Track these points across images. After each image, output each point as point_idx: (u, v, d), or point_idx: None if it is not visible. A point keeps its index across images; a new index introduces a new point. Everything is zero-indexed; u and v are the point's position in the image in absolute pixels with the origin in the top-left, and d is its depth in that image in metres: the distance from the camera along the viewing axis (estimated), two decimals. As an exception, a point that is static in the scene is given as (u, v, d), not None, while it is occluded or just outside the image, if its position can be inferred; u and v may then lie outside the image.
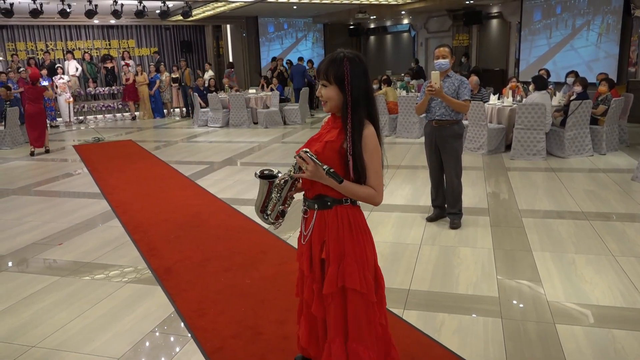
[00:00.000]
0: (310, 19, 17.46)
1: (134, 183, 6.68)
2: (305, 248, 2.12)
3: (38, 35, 14.59)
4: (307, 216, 2.09)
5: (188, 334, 2.93)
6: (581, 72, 8.95)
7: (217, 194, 5.92)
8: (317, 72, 2.01)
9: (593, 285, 3.34)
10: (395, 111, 9.60)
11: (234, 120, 11.78)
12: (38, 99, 8.96)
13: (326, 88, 1.96)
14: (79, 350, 2.81)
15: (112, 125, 13.10)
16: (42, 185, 6.87)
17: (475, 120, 7.55)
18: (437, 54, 4.31)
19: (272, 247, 4.25)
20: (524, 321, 2.94)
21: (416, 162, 7.23)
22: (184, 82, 13.98)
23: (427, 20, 16.48)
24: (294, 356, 2.54)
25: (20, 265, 4.12)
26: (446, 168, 4.49)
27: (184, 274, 3.75)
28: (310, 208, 2.08)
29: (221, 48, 17.62)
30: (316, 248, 2.07)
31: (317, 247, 2.07)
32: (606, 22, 10.92)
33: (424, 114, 4.48)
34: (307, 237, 2.10)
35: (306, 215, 2.10)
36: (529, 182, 5.95)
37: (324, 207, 2.03)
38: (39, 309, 3.30)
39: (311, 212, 2.07)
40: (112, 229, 4.87)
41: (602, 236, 4.17)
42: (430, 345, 2.74)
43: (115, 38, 15.74)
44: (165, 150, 9.09)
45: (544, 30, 12.51)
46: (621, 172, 6.22)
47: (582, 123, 7.07)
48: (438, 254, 3.95)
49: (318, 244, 2.06)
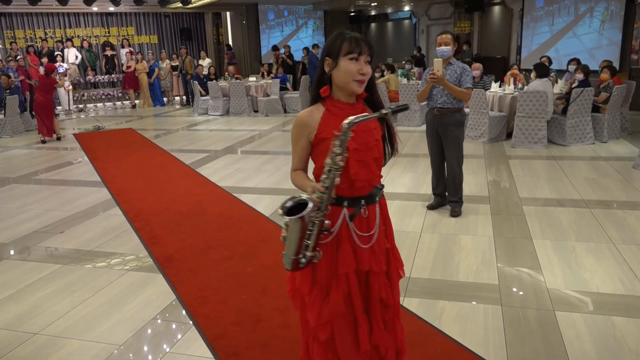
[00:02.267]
0: (311, 6, 17.30)
1: (134, 171, 6.68)
2: (377, 248, 1.89)
3: (37, 23, 14.49)
4: (368, 214, 1.85)
5: (190, 322, 2.95)
6: (583, 60, 8.90)
7: (217, 183, 5.92)
8: (360, 48, 1.75)
9: (593, 272, 3.35)
10: (396, 99, 9.56)
11: (234, 108, 11.74)
12: (49, 90, 9.10)
13: (367, 65, 1.77)
14: (81, 337, 2.83)
15: (112, 114, 13.06)
16: (43, 173, 6.87)
17: (477, 108, 7.52)
18: (440, 41, 4.27)
19: (274, 235, 4.26)
20: (524, 308, 2.95)
21: (417, 150, 7.21)
22: (184, 70, 13.91)
23: (428, 7, 16.34)
24: (295, 344, 2.55)
25: (22, 253, 4.13)
26: (447, 156, 4.47)
27: (185, 262, 3.77)
28: (370, 203, 1.86)
29: (221, 36, 17.51)
30: (382, 239, 1.93)
31: (382, 238, 1.93)
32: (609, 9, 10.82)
33: (425, 101, 4.46)
34: (375, 235, 1.88)
35: (366, 214, 1.84)
36: (530, 170, 5.94)
37: (380, 195, 1.91)
38: (41, 297, 3.32)
39: (372, 208, 1.87)
40: (113, 217, 4.88)
41: (602, 224, 4.17)
42: (430, 333, 2.75)
43: (114, 25, 15.63)
44: (165, 139, 9.07)
45: (547, 17, 12.41)
46: (622, 160, 6.20)
47: (584, 111, 7.04)
48: (439, 242, 3.95)
49: (383, 236, 1.94)
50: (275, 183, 5.78)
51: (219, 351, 2.64)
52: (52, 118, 9.10)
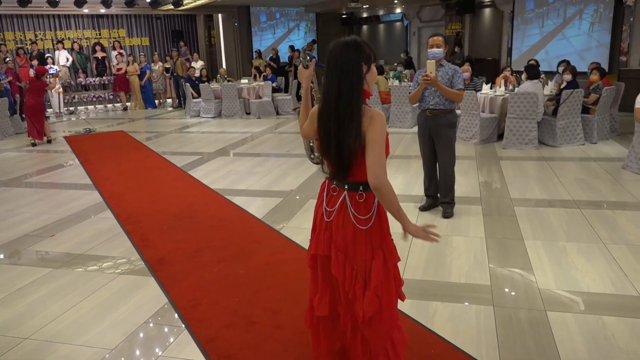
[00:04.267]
0: (303, 8, 17.32)
1: (126, 174, 6.65)
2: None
3: (27, 24, 14.37)
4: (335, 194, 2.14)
5: (182, 325, 2.94)
6: (573, 61, 8.97)
7: (210, 185, 5.90)
8: None
9: (584, 272, 3.38)
10: (387, 101, 9.59)
11: (227, 110, 11.72)
12: (40, 93, 9.07)
13: None
14: (72, 341, 2.81)
15: (104, 116, 12.99)
16: (33, 176, 6.82)
17: (468, 110, 7.56)
18: (432, 43, 4.29)
19: (266, 237, 4.26)
20: (515, 309, 2.97)
21: (409, 151, 7.24)
22: (175, 72, 13.87)
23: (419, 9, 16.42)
24: (287, 345, 2.55)
25: (12, 257, 4.09)
26: (440, 157, 4.49)
27: (177, 264, 3.75)
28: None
29: (213, 38, 17.46)
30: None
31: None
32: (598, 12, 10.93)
33: (417, 103, 4.47)
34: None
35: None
36: (521, 171, 5.98)
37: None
38: (32, 301, 3.29)
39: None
40: (105, 220, 4.85)
41: (592, 224, 4.21)
42: (423, 334, 2.76)
43: (105, 28, 15.53)
44: (157, 141, 9.04)
45: (537, 19, 12.50)
46: (612, 161, 6.26)
47: (574, 112, 7.10)
48: (431, 243, 3.95)
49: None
50: (268, 185, 5.77)
51: (212, 354, 2.63)
52: (42, 121, 9.05)
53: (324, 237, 2.09)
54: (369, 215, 2.01)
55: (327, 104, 1.95)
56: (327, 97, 1.94)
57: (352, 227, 2.01)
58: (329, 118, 1.94)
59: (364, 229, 2.00)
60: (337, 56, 1.92)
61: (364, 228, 2.00)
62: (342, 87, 1.90)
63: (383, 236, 2.05)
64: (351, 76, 1.90)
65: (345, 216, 2.02)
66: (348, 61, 1.90)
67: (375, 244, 2.03)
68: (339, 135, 1.92)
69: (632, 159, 5.74)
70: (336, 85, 1.91)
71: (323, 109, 1.98)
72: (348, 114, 1.89)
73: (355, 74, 1.90)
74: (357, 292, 2.01)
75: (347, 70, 1.90)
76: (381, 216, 2.05)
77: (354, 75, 1.90)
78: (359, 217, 2.00)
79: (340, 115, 1.90)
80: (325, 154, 2.03)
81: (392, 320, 2.08)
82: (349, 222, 2.01)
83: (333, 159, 1.98)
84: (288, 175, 6.08)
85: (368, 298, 1.99)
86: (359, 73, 1.91)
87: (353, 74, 1.90)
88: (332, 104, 1.93)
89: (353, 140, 1.89)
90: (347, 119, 1.89)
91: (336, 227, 2.04)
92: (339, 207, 2.04)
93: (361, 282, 2.01)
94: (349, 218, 2.01)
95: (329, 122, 1.94)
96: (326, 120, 1.96)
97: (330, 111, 1.94)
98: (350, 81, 1.90)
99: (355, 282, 2.02)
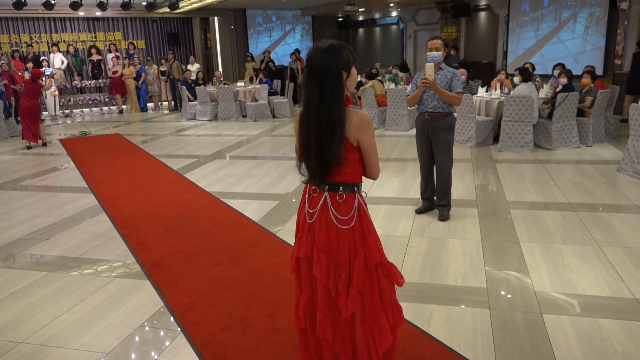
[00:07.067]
0: (299, 11, 17.35)
1: (121, 177, 6.63)
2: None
3: (22, 27, 14.34)
4: (316, 195, 2.16)
5: (178, 328, 2.93)
6: (568, 65, 9.02)
7: (206, 188, 5.89)
8: None
9: (579, 275, 3.39)
10: (384, 104, 9.60)
11: (223, 113, 11.71)
12: (35, 95, 9.05)
13: None
14: (67, 345, 2.80)
15: (99, 119, 12.96)
16: (28, 179, 6.79)
17: (464, 113, 7.58)
18: (430, 46, 4.30)
19: (262, 240, 4.25)
20: (511, 311, 2.97)
21: (405, 154, 7.25)
22: (171, 75, 13.86)
23: (415, 12, 16.46)
24: (284, 348, 2.54)
25: (7, 260, 4.07)
26: (437, 160, 4.50)
27: (173, 267, 3.74)
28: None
29: (209, 41, 17.46)
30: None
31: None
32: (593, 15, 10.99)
33: (415, 106, 4.48)
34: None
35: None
36: (517, 174, 6.00)
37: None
38: (27, 305, 3.27)
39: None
40: (100, 223, 4.83)
41: (588, 227, 4.22)
42: (419, 336, 2.76)
43: (101, 30, 15.51)
44: (153, 144, 9.02)
45: (532, 22, 12.56)
46: (607, 164, 6.29)
47: (569, 115, 7.13)
48: (427, 246, 3.97)
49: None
50: (264, 188, 5.77)
51: (208, 357, 2.62)
52: (37, 123, 9.02)
53: (307, 239, 2.12)
54: (350, 215, 2.03)
55: (309, 111, 1.95)
56: (309, 104, 1.95)
57: (335, 228, 2.03)
58: (309, 125, 1.96)
59: (345, 228, 2.03)
60: (317, 64, 1.91)
61: (346, 228, 2.03)
62: (323, 95, 1.90)
63: (364, 236, 2.07)
64: (331, 85, 1.90)
65: (327, 217, 2.04)
66: (327, 70, 1.89)
67: (357, 243, 2.05)
68: (321, 142, 1.93)
69: (626, 161, 5.77)
70: (317, 93, 1.91)
71: (304, 116, 1.99)
72: (331, 122, 1.90)
73: (336, 82, 1.91)
74: (340, 291, 2.03)
75: (326, 80, 1.90)
76: (362, 216, 2.08)
77: (334, 84, 1.90)
78: (340, 218, 2.03)
79: (323, 123, 1.91)
80: (304, 158, 2.04)
81: (373, 317, 2.10)
82: (331, 222, 2.03)
83: (313, 164, 2.00)
84: (284, 178, 6.07)
85: (351, 294, 2.02)
86: (340, 80, 1.92)
87: (333, 83, 1.90)
88: (313, 112, 1.93)
89: (337, 147, 1.91)
90: (329, 127, 1.91)
91: (319, 228, 2.07)
92: (321, 208, 2.06)
93: (345, 281, 2.04)
94: (330, 219, 2.03)
95: (309, 129, 1.96)
96: (307, 127, 1.97)
97: (310, 119, 1.95)
98: (331, 91, 1.90)
99: (339, 280, 2.04)
